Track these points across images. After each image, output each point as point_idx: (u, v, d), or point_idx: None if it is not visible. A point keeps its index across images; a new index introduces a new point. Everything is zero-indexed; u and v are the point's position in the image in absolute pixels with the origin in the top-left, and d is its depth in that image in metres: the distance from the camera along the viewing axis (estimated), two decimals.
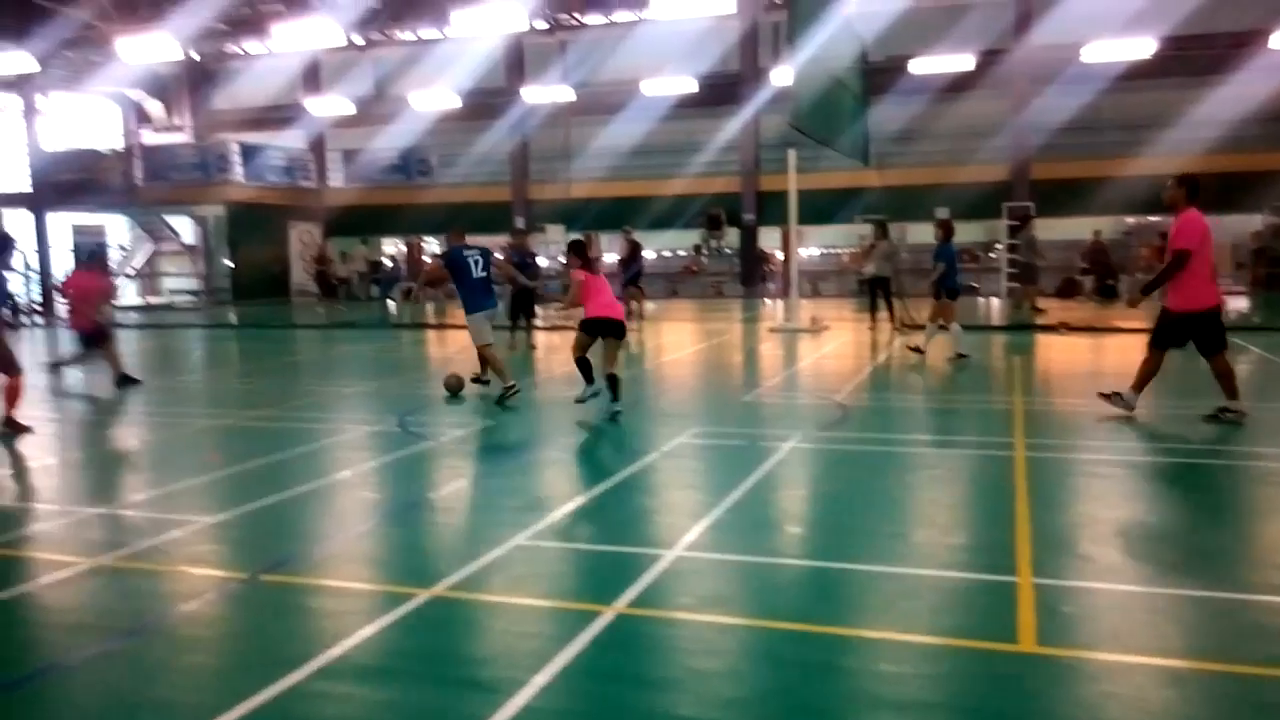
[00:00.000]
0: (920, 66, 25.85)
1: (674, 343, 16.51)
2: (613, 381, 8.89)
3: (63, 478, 7.57)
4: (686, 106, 28.27)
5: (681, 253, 31.28)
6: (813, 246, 31.21)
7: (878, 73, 23.11)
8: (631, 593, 4.39)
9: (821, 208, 24.60)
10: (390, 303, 27.84)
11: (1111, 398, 8.23)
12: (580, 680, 3.59)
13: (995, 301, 23.67)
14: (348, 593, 4.62)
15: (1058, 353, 14.05)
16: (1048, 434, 7.91)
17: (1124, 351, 12.58)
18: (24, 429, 8.69)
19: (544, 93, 29.21)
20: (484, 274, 10.22)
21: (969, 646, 3.81)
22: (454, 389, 10.34)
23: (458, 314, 10.27)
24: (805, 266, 26.88)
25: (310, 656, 3.78)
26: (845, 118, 18.51)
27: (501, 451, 7.96)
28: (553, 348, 15.43)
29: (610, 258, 30.23)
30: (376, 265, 31.91)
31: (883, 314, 16.65)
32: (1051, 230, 24.26)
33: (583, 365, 9.11)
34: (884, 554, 5.01)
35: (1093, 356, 13.74)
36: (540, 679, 3.53)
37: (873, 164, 22.51)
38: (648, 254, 29.73)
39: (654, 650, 3.90)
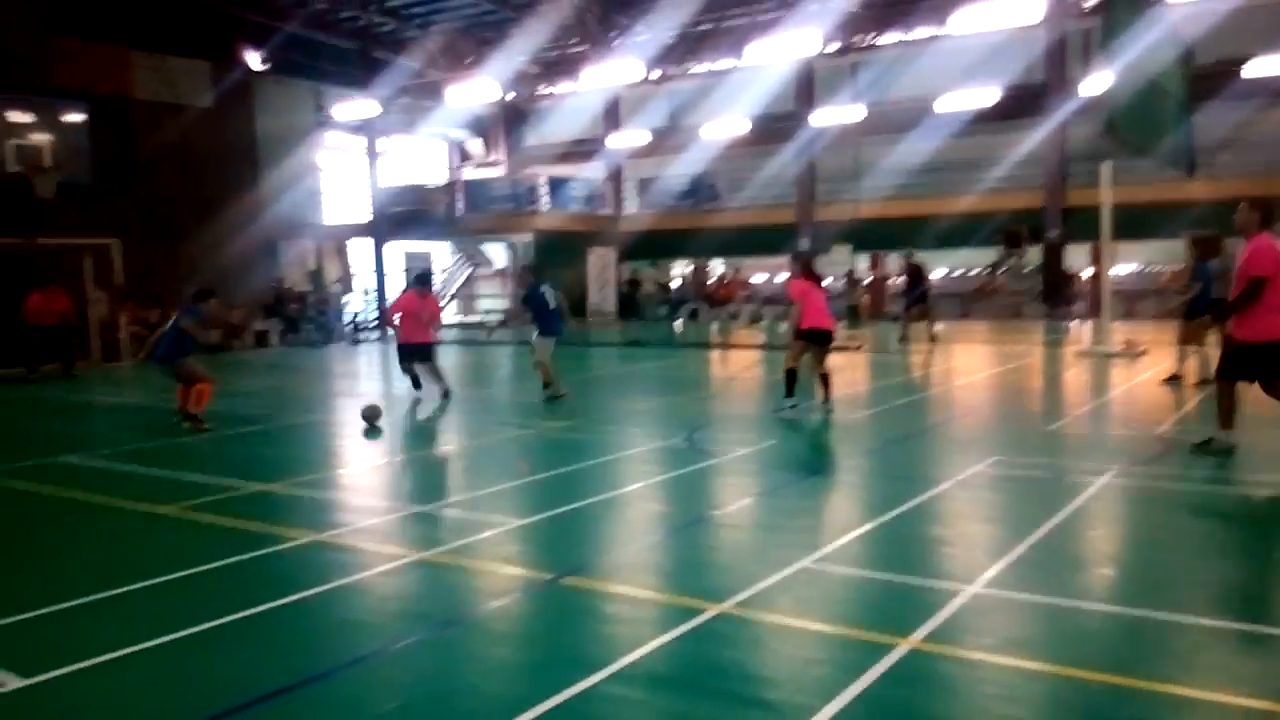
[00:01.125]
0: (1257, 68, 23.07)
1: (968, 366, 15.72)
2: (825, 380, 10.35)
3: (391, 477, 8.44)
4: (984, 120, 26.95)
5: (974, 272, 29.76)
6: (1127, 264, 28.61)
7: (1205, 77, 20.81)
8: (926, 627, 4.21)
9: (1137, 222, 22.46)
10: (677, 323, 28.68)
11: (1205, 445, 7.75)
12: (873, 714, 3.48)
13: None
14: (640, 601, 4.78)
15: None
16: None
17: None
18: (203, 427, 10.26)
19: (833, 114, 28.99)
20: (555, 306, 12.23)
21: None
22: (371, 419, 10.62)
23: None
24: (1119, 286, 24.68)
25: (607, 661, 3.95)
26: (1166, 126, 16.84)
27: (787, 471, 7.93)
28: (837, 368, 15.19)
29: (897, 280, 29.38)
30: (665, 287, 33.07)
31: (1212, 338, 14.93)
32: None
33: (791, 377, 10.20)
34: (1211, 606, 4.47)
35: None
36: (831, 708, 3.47)
37: (1198, 174, 20.28)
38: (939, 273, 28.63)
39: (951, 691, 3.71)
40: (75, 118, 20.56)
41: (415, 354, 12.67)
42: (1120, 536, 6.01)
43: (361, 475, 8.54)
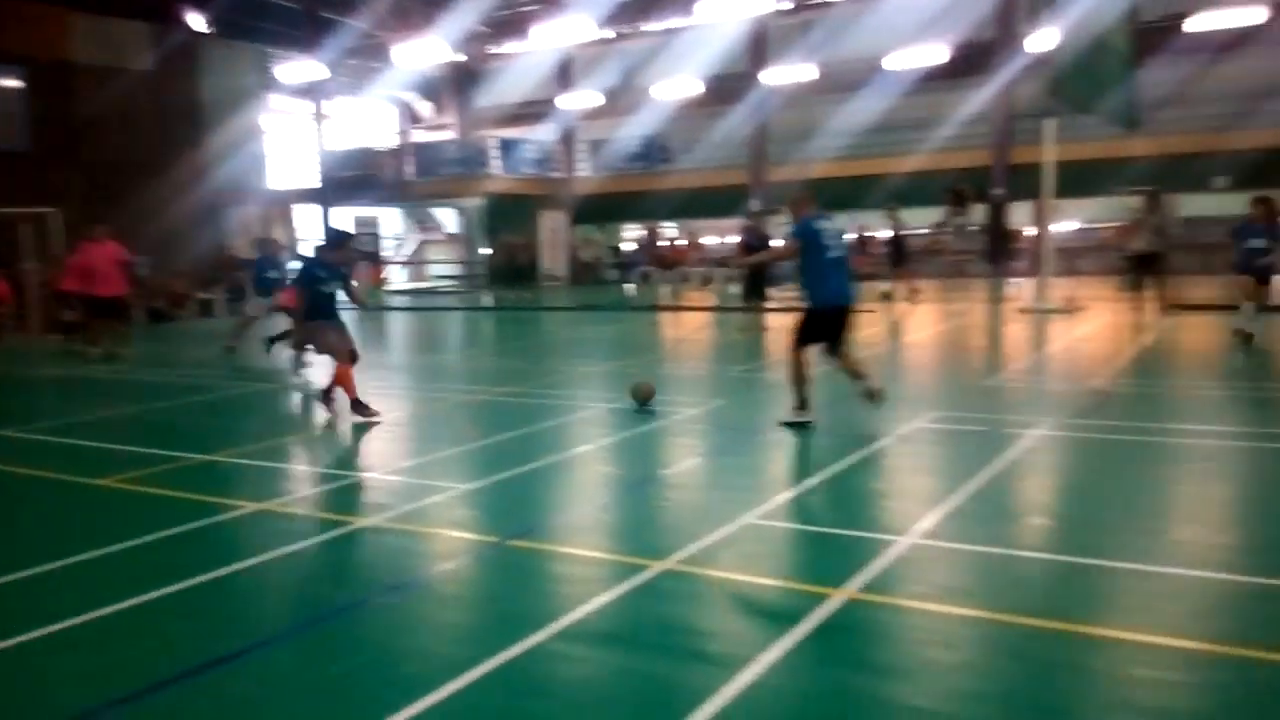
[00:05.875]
0: (1199, 23, 23.45)
1: (912, 324, 15.95)
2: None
3: (335, 444, 8.39)
4: (933, 79, 27.15)
5: (923, 231, 30.00)
6: (1071, 221, 29.07)
7: (1150, 32, 21.14)
8: (862, 578, 4.32)
9: (1081, 179, 22.83)
10: (628, 286, 28.65)
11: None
12: (808, 662, 3.59)
13: None
14: (586, 561, 4.84)
15: None
16: None
17: None
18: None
19: (785, 73, 28.92)
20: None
21: (1243, 655, 3.47)
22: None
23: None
24: (1062, 243, 25.11)
25: (552, 619, 4.00)
26: (1110, 82, 17.10)
27: (733, 431, 8.03)
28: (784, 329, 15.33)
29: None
30: (617, 250, 33.00)
31: (1151, 293, 15.24)
32: None
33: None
34: (1140, 551, 4.64)
35: None
36: (768, 657, 3.57)
37: (1140, 131, 20.65)
38: (885, 233, 28.72)
39: (884, 637, 3.83)
40: (11, 83, 19.86)
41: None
42: (1053, 486, 6.19)
43: (307, 443, 8.48)
